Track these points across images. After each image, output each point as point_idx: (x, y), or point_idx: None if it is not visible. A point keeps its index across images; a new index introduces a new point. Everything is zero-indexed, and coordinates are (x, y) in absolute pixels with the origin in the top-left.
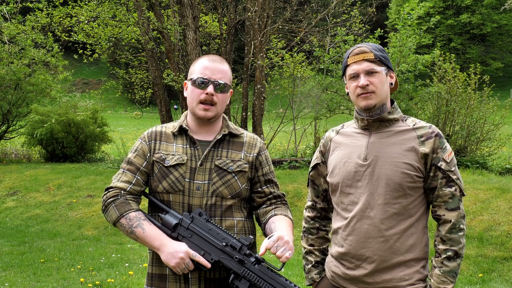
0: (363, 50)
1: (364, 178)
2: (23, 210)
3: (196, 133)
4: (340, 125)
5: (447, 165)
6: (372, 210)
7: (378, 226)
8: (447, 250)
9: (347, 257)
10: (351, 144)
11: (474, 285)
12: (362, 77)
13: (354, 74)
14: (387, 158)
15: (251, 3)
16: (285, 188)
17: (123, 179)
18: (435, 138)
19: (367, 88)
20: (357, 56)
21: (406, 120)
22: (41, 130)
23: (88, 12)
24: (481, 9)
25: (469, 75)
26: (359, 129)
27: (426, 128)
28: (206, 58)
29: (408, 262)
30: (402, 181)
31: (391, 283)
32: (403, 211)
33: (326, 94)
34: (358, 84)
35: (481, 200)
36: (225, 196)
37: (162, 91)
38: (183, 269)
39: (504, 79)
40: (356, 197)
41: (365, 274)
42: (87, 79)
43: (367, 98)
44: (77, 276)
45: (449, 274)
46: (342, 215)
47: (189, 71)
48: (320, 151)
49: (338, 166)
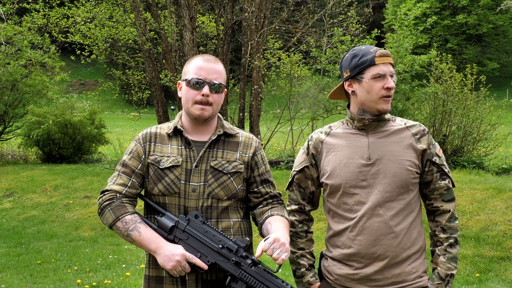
0: (388, 53)
1: (370, 177)
2: (20, 211)
3: (191, 133)
4: (326, 127)
5: (440, 160)
6: (381, 207)
7: (388, 223)
8: (448, 238)
9: (356, 258)
10: (349, 145)
11: (471, 285)
12: (390, 79)
13: (382, 75)
14: (390, 156)
15: (248, 3)
16: (282, 189)
17: (119, 182)
18: (427, 135)
19: (391, 91)
20: (385, 58)
21: (395, 120)
22: (37, 131)
23: (85, 13)
24: (477, 10)
25: (465, 75)
26: (354, 130)
27: (417, 126)
28: (201, 58)
29: (414, 255)
30: (406, 177)
31: (400, 277)
32: (407, 207)
33: (323, 94)
34: (386, 85)
35: (478, 200)
36: (221, 197)
37: (159, 92)
38: (179, 272)
39: (500, 79)
40: (363, 197)
41: (375, 271)
42: (84, 80)
43: (388, 102)
44: (74, 278)
45: (453, 260)
46: (345, 216)
47: (183, 71)
48: (311, 153)
49: (338, 167)
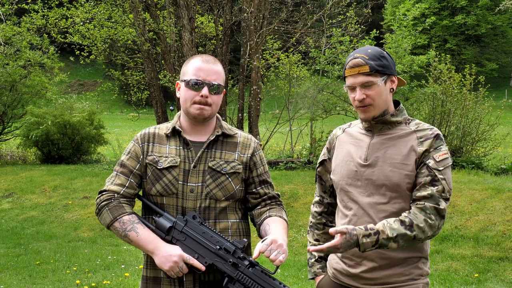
0: (358, 63)
1: (364, 178)
2: (19, 212)
3: (190, 134)
4: (347, 124)
5: (435, 164)
6: (371, 209)
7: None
8: (405, 217)
9: (347, 255)
10: (354, 144)
11: (470, 285)
12: (358, 91)
13: (351, 87)
14: (387, 160)
15: (247, 4)
16: (281, 189)
17: (117, 182)
18: (432, 139)
19: (364, 101)
20: (352, 70)
21: (409, 123)
22: (36, 132)
23: (83, 13)
24: (476, 10)
25: (464, 76)
26: (364, 130)
27: (427, 130)
28: (199, 58)
29: (409, 259)
30: (401, 182)
31: (392, 279)
32: (401, 211)
33: (322, 95)
34: (355, 98)
35: (477, 200)
36: (219, 198)
37: (158, 92)
38: (177, 273)
39: (499, 80)
40: (355, 196)
41: (365, 270)
42: (83, 81)
43: (365, 111)
44: (73, 278)
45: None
46: (343, 213)
47: (182, 71)
48: (327, 147)
49: (340, 164)
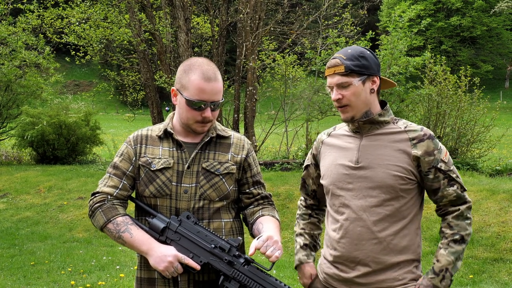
0: (335, 63)
1: (356, 180)
2: (13, 212)
3: (183, 135)
4: (332, 128)
5: (446, 165)
6: (364, 212)
7: (371, 228)
8: (454, 234)
9: (340, 260)
10: (343, 147)
11: (465, 286)
12: (335, 91)
13: (330, 87)
14: (379, 161)
15: (243, 5)
16: (277, 190)
17: (110, 184)
18: (427, 141)
19: (340, 101)
20: (329, 70)
21: (397, 122)
22: (31, 132)
23: (79, 13)
24: (471, 12)
25: (459, 77)
26: (351, 132)
27: (418, 130)
28: (200, 75)
29: (402, 263)
30: (394, 183)
31: (385, 284)
32: (396, 213)
33: (318, 96)
34: (332, 98)
35: (472, 201)
36: (213, 198)
37: (154, 92)
38: (172, 273)
39: (494, 81)
40: (347, 199)
41: (358, 275)
42: (79, 81)
43: (343, 111)
44: (68, 279)
45: (453, 255)
46: (334, 218)
47: (181, 82)
48: (313, 153)
49: (329, 169)
